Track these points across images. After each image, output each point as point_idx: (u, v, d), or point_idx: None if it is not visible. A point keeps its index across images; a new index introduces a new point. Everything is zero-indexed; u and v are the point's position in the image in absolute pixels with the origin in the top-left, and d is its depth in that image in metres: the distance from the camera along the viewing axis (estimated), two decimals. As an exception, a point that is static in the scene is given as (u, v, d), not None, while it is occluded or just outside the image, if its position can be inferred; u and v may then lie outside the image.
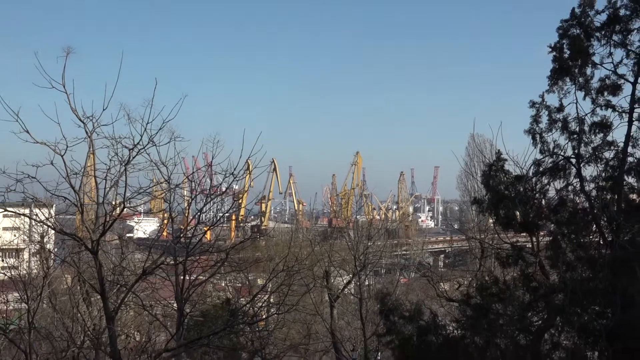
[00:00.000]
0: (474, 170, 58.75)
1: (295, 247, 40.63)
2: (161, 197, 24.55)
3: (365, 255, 35.86)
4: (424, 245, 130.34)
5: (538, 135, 18.79)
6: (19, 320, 25.83)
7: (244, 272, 36.51)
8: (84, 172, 18.99)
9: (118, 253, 28.88)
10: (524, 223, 19.07)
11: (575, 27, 18.21)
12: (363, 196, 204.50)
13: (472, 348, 20.52)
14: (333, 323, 32.72)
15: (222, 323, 24.41)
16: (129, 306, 24.90)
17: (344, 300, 40.17)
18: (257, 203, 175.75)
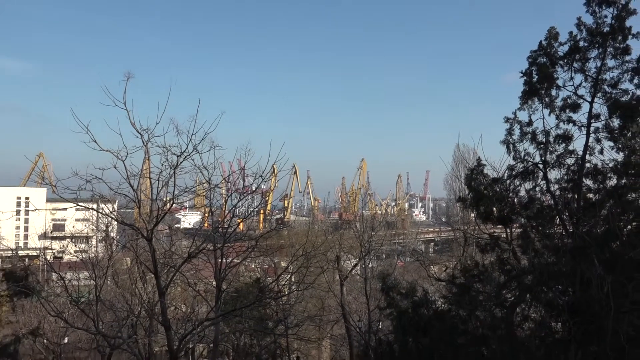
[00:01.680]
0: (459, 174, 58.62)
1: (312, 236, 40.71)
2: (203, 195, 24.61)
3: (369, 242, 35.80)
4: (417, 235, 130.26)
5: (511, 145, 18.71)
6: (88, 294, 25.92)
7: (270, 256, 36.60)
8: (140, 174, 19.06)
9: (168, 240, 28.95)
10: (499, 217, 19.05)
11: (542, 56, 18.12)
12: (367, 194, 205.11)
13: (457, 319, 20.48)
14: (342, 298, 32.62)
15: (252, 297, 24.40)
16: (176, 283, 24.93)
17: (352, 280, 40.02)
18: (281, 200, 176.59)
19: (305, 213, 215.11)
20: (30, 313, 31.29)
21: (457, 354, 19.41)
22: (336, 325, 39.33)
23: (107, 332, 22.33)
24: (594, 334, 15.91)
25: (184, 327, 20.97)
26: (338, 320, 36.98)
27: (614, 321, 14.30)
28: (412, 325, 21.92)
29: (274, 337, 28.78)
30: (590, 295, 15.46)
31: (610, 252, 16.02)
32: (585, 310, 15.89)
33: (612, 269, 15.03)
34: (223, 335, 24.65)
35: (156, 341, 23.09)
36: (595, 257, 14.92)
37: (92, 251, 32.42)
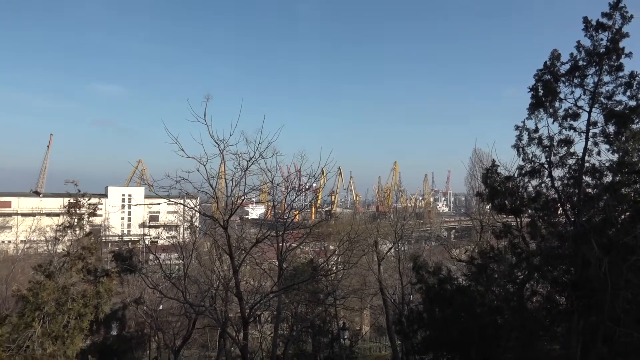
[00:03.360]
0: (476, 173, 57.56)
1: (354, 225, 40.53)
2: (266, 192, 24.73)
3: (402, 230, 35.40)
4: (441, 223, 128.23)
5: (521, 148, 18.22)
6: (177, 271, 26.37)
7: (321, 241, 36.63)
8: (218, 176, 19.30)
9: (239, 228, 29.21)
10: (511, 209, 18.62)
11: (547, 74, 17.59)
12: (399, 191, 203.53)
13: (476, 293, 20.15)
14: (380, 275, 32.32)
15: (307, 275, 24.39)
16: (246, 263, 25.12)
17: (387, 260, 39.58)
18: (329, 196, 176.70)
19: (349, 206, 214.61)
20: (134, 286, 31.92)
21: (476, 322, 19.07)
22: (375, 297, 39.04)
23: (193, 301, 22.60)
24: (594, 306, 15.45)
25: (253, 298, 21.10)
26: (376, 294, 36.68)
27: (611, 296, 13.89)
28: (438, 298, 21.65)
29: (325, 307, 28.71)
30: (590, 274, 15.02)
31: (607, 237, 15.50)
32: (586, 287, 15.47)
33: (608, 252, 14.61)
34: (284, 305, 24.71)
35: (231, 309, 23.27)
36: (594, 242, 14.51)
37: (180, 237, 32.83)
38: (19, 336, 14.83)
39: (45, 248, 62.16)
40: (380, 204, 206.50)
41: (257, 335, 29.90)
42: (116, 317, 26.42)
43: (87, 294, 16.19)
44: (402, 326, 25.83)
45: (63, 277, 15.93)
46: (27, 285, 16.15)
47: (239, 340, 19.53)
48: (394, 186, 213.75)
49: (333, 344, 29.21)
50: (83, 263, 16.91)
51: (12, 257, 57.62)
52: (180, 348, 28.84)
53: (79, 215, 17.55)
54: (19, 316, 15.51)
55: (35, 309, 15.19)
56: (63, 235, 17.30)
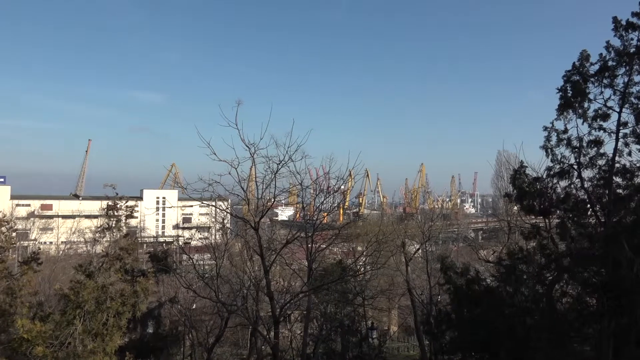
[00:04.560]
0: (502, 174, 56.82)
1: (382, 226, 40.30)
2: (296, 194, 24.81)
3: (429, 231, 35.09)
4: (468, 224, 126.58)
5: (549, 149, 17.87)
6: (210, 271, 26.62)
7: (349, 242, 36.55)
8: (249, 178, 19.42)
9: (269, 230, 29.35)
10: (540, 210, 18.28)
11: (575, 74, 17.23)
12: (426, 192, 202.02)
13: (504, 294, 19.80)
14: (408, 276, 32.07)
15: (336, 275, 24.34)
16: (277, 263, 25.24)
17: (415, 261, 39.26)
18: (356, 197, 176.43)
19: (376, 208, 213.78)
20: (168, 285, 32.33)
21: (504, 323, 18.75)
22: (402, 297, 38.78)
23: (225, 300, 22.81)
24: (625, 308, 15.06)
25: (283, 298, 21.17)
26: (404, 294, 36.43)
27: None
28: (466, 299, 21.36)
29: (353, 307, 28.62)
30: (621, 275, 14.65)
31: (638, 238, 15.07)
32: (617, 288, 15.07)
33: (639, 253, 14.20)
34: (314, 305, 24.72)
35: (262, 308, 23.40)
36: (625, 243, 14.12)
37: (212, 238, 33.14)
38: (61, 333, 15.19)
39: (84, 249, 63.57)
40: (407, 205, 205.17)
41: (287, 334, 29.99)
42: (152, 315, 26.78)
43: (125, 293, 16.50)
44: (430, 326, 25.60)
45: (102, 277, 16.27)
46: (69, 285, 16.54)
47: (270, 339, 19.64)
48: (421, 188, 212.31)
49: (362, 344, 29.08)
50: (121, 263, 17.25)
51: (54, 257, 59.13)
52: (213, 346, 29.11)
53: (116, 217, 17.91)
54: (61, 314, 15.90)
55: (76, 307, 15.55)
56: (102, 237, 17.68)
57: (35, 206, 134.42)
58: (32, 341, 14.85)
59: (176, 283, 29.24)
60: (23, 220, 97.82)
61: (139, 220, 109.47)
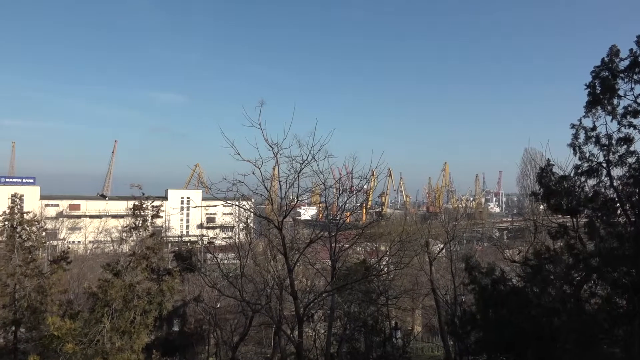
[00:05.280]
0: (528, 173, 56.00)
1: (406, 226, 40.09)
2: (319, 194, 24.81)
3: (453, 230, 34.76)
4: (493, 224, 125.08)
5: (577, 147, 17.48)
6: (234, 270, 26.81)
7: (372, 242, 36.43)
8: (272, 178, 19.51)
9: (292, 229, 29.43)
10: (568, 209, 17.91)
11: (604, 70, 16.81)
12: (450, 191, 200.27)
13: (531, 295, 19.45)
14: (432, 276, 31.85)
15: (359, 275, 24.30)
16: (300, 262, 25.30)
17: (439, 261, 38.94)
18: (379, 197, 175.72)
19: (399, 207, 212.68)
20: (193, 284, 32.62)
21: (531, 324, 18.45)
22: (426, 297, 38.51)
23: (249, 299, 22.94)
24: (657, 309, 14.63)
25: (307, 297, 21.21)
26: (428, 294, 36.20)
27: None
28: (492, 299, 21.05)
29: (377, 306, 28.51)
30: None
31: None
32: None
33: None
34: (337, 304, 24.70)
35: (285, 307, 23.49)
36: (657, 243, 13.72)
37: (236, 238, 33.37)
38: (90, 331, 15.50)
39: (111, 248, 64.76)
40: (430, 204, 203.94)
41: (311, 333, 30.03)
42: (178, 314, 27.12)
43: (151, 291, 16.76)
44: (455, 327, 25.28)
45: (129, 276, 16.55)
46: (97, 283, 16.86)
47: (294, 338, 19.69)
48: (444, 187, 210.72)
49: (385, 344, 28.94)
50: (147, 262, 17.52)
51: (82, 256, 60.28)
52: (238, 345, 29.33)
53: (143, 217, 18.19)
54: (89, 312, 16.24)
55: (104, 305, 15.85)
56: (129, 236, 17.97)
57: (64, 206, 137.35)
58: (62, 338, 15.19)
59: (201, 282, 29.52)
60: (52, 220, 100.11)
61: (164, 219, 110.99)
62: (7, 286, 19.62)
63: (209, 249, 28.44)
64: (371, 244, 37.56)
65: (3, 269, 19.70)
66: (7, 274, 19.63)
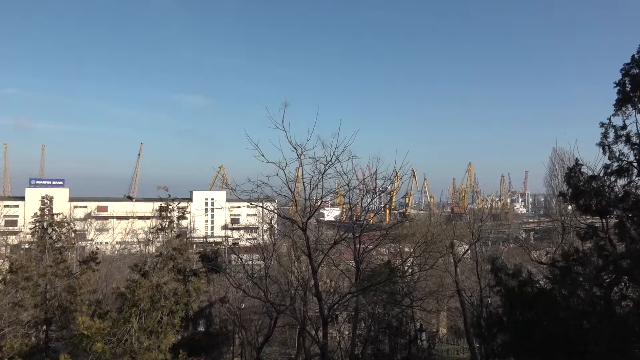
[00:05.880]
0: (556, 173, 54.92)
1: (430, 226, 39.78)
2: (342, 194, 24.80)
3: (479, 231, 34.33)
4: (519, 225, 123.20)
5: (607, 146, 17.08)
6: (259, 271, 26.97)
7: (396, 243, 36.23)
8: (296, 179, 19.59)
9: (315, 230, 29.46)
10: (597, 209, 17.51)
11: (634, 68, 16.40)
12: (475, 192, 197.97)
13: (559, 297, 19.10)
14: (457, 277, 31.54)
15: (384, 276, 24.20)
16: (324, 263, 25.30)
17: (464, 262, 38.53)
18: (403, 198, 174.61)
19: (423, 208, 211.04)
20: (218, 285, 32.91)
21: (560, 326, 18.12)
22: (451, 299, 38.11)
23: (273, 300, 23.05)
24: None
25: (331, 298, 21.21)
26: (453, 295, 35.81)
27: None
28: (519, 301, 20.74)
29: (402, 308, 28.36)
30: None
31: None
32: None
33: None
34: (361, 305, 24.64)
35: (310, 308, 23.53)
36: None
37: (260, 239, 33.57)
38: (118, 330, 15.77)
39: (138, 249, 65.76)
40: (455, 205, 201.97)
41: (335, 334, 30.02)
42: (203, 314, 27.37)
43: (177, 292, 16.97)
44: (481, 329, 24.97)
45: (156, 276, 16.79)
46: (125, 284, 17.15)
47: (319, 339, 19.70)
48: (469, 187, 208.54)
49: (410, 346, 28.78)
50: (173, 263, 17.77)
51: (110, 257, 61.32)
52: (263, 345, 29.48)
53: (169, 218, 18.44)
54: (118, 312, 16.51)
55: (132, 305, 16.10)
56: (156, 237, 18.25)
57: (92, 208, 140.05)
58: (91, 337, 15.49)
59: (226, 283, 29.74)
60: (81, 222, 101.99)
61: (189, 221, 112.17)
62: (39, 286, 20.07)
63: (234, 250, 28.66)
64: (395, 245, 37.35)
65: (35, 269, 20.17)
66: (39, 274, 20.09)
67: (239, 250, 28.94)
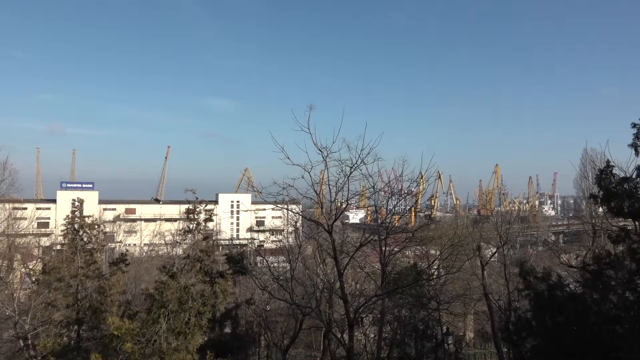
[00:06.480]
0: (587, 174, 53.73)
1: (457, 229, 39.37)
2: (368, 197, 24.74)
3: (506, 234, 33.82)
4: (548, 227, 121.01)
5: (639, 147, 16.65)
6: (284, 273, 27.05)
7: (422, 246, 35.94)
8: (321, 182, 19.63)
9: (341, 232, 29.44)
10: (630, 212, 17.07)
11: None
12: (502, 194, 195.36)
13: (591, 301, 18.69)
14: (484, 281, 31.10)
15: (410, 279, 24.05)
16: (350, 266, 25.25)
17: (491, 265, 37.99)
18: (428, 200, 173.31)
19: (449, 210, 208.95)
20: (244, 287, 33.15)
21: (591, 331, 17.72)
22: (479, 303, 37.60)
23: (299, 302, 23.10)
24: None
25: (357, 301, 21.16)
26: (480, 299, 35.32)
27: None
28: (548, 305, 20.36)
29: (428, 311, 28.12)
30: None
31: None
32: None
33: None
34: (387, 308, 24.52)
35: (335, 310, 23.51)
36: None
37: (285, 241, 33.69)
38: (147, 331, 15.98)
39: (165, 251, 66.68)
40: (482, 207, 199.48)
41: (361, 337, 29.90)
42: (230, 316, 27.60)
43: (205, 293, 17.12)
44: (509, 333, 24.59)
45: (184, 278, 16.98)
46: (153, 285, 17.40)
47: (344, 342, 19.67)
48: (495, 189, 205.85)
49: (437, 349, 28.51)
50: (201, 265, 17.91)
51: (138, 258, 62.32)
52: (288, 347, 29.55)
53: (196, 220, 18.62)
54: (147, 312, 16.75)
55: (160, 306, 16.31)
56: (183, 239, 18.45)
57: (120, 210, 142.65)
58: (121, 338, 15.73)
59: (252, 284, 29.92)
60: (110, 224, 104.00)
61: (215, 223, 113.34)
62: (71, 287, 20.48)
63: (260, 252, 28.81)
64: (421, 248, 37.06)
65: (67, 270, 20.60)
66: (71, 275, 20.49)
67: (265, 252, 29.06)
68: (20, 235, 54.77)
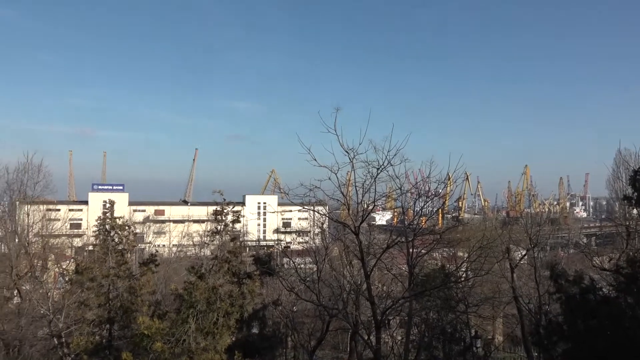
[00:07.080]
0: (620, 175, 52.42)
1: (485, 231, 38.85)
2: (394, 198, 24.62)
3: (536, 236, 33.19)
4: (580, 229, 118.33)
5: (675, 147, 16.20)
6: (311, 274, 27.12)
7: (450, 248, 35.54)
8: (348, 183, 19.63)
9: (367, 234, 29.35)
10: (666, 213, 16.60)
11: None
12: (532, 195, 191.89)
13: (625, 305, 18.22)
14: (513, 283, 30.60)
15: (438, 281, 23.84)
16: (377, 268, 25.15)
17: (520, 268, 37.30)
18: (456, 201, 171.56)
19: (477, 212, 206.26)
20: (271, 288, 33.34)
21: (624, 336, 17.27)
22: (508, 306, 37.02)
23: (326, 304, 23.13)
24: None
25: (384, 303, 21.08)
26: (510, 302, 34.76)
27: None
28: (580, 309, 19.93)
29: (456, 314, 27.82)
30: None
31: None
32: None
33: None
34: (415, 311, 24.36)
35: (362, 312, 23.46)
36: None
37: (311, 242, 33.76)
38: (176, 330, 16.23)
39: (193, 251, 67.48)
40: (511, 209, 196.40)
41: (388, 339, 29.76)
42: (257, 316, 27.78)
43: (233, 294, 17.30)
44: (540, 337, 24.13)
45: (212, 278, 17.19)
46: (182, 285, 17.66)
47: (371, 343, 19.61)
48: (525, 190, 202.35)
49: (465, 353, 28.19)
50: (229, 266, 18.11)
51: (167, 259, 63.25)
52: (315, 348, 29.61)
53: (224, 222, 18.83)
54: (176, 312, 17.01)
55: (189, 306, 16.55)
56: (211, 240, 18.68)
57: (150, 211, 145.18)
58: (151, 337, 16.01)
59: (279, 285, 30.08)
60: (139, 225, 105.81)
61: (242, 224, 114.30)
62: (102, 286, 20.92)
63: (286, 253, 28.96)
64: (449, 250, 36.68)
65: (98, 270, 21.05)
66: (102, 275, 20.94)
67: (291, 253, 29.20)
68: (54, 236, 56.15)
